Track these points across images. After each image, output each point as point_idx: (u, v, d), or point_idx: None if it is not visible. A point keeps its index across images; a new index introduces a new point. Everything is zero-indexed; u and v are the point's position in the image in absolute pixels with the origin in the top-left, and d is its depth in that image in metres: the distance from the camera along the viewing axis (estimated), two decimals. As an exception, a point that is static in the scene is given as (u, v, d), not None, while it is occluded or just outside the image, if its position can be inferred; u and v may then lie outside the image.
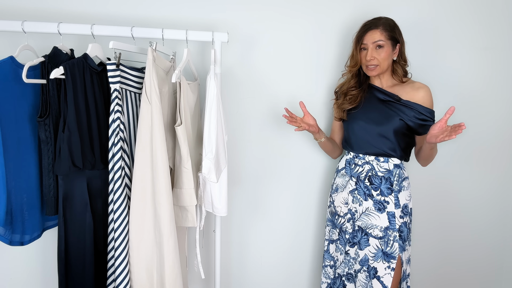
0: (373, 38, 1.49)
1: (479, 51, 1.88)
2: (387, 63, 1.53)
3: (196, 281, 1.95)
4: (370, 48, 1.50)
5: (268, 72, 1.83)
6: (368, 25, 1.52)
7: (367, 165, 1.57)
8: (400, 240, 1.51)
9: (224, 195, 1.53)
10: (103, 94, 1.41)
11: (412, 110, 1.51)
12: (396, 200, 1.53)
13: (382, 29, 1.49)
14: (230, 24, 1.77)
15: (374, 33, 1.50)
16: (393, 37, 1.50)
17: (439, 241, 2.04)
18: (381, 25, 1.50)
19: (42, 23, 1.40)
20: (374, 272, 1.52)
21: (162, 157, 1.31)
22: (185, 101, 1.41)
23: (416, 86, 1.55)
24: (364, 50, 1.54)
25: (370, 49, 1.51)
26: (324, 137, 1.68)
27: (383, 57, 1.50)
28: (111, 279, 1.43)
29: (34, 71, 1.39)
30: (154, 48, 1.32)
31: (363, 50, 1.54)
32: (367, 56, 1.51)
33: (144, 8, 1.71)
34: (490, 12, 1.85)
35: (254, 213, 1.95)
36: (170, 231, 1.34)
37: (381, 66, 1.52)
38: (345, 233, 1.63)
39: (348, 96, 1.63)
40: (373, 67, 1.52)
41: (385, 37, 1.49)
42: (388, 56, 1.51)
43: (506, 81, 1.92)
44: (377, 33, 1.49)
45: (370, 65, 1.52)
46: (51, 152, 1.42)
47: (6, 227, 1.41)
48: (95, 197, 1.43)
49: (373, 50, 1.50)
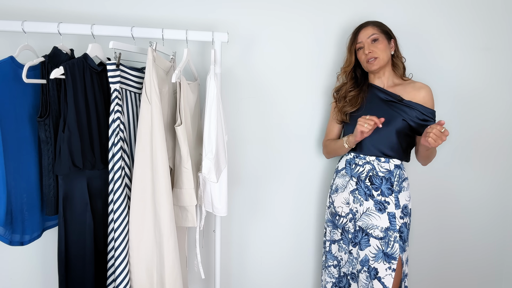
0: (367, 34, 1.56)
1: (479, 51, 1.88)
2: (386, 55, 1.56)
3: (196, 281, 1.95)
4: (367, 43, 1.56)
5: (268, 72, 1.83)
6: (359, 26, 1.61)
7: (368, 165, 1.57)
8: (400, 241, 1.51)
9: (224, 195, 1.53)
10: (103, 94, 1.41)
11: (414, 111, 1.51)
12: (396, 200, 1.53)
13: (373, 25, 1.58)
14: (230, 24, 1.77)
15: (366, 29, 1.57)
16: (385, 31, 1.57)
17: (439, 242, 2.04)
18: (371, 23, 1.58)
19: (42, 23, 1.40)
20: (374, 272, 1.52)
21: (162, 157, 1.31)
22: (185, 101, 1.41)
23: (417, 86, 1.55)
24: (361, 49, 1.58)
25: (366, 44, 1.56)
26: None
27: (380, 48, 1.54)
28: (111, 279, 1.42)
29: (34, 71, 1.39)
30: (154, 48, 1.32)
31: (360, 50, 1.59)
32: (365, 50, 1.56)
33: (144, 8, 1.71)
34: (490, 12, 1.85)
35: (254, 213, 1.95)
36: (170, 231, 1.34)
37: (381, 57, 1.54)
38: (348, 233, 1.63)
39: (348, 98, 1.64)
40: (373, 60, 1.55)
41: (378, 31, 1.56)
42: (385, 47, 1.55)
43: (506, 81, 1.92)
44: (369, 29, 1.57)
45: (370, 58, 1.55)
46: (51, 152, 1.42)
47: (6, 227, 1.40)
48: (95, 197, 1.43)
49: (370, 45, 1.55)
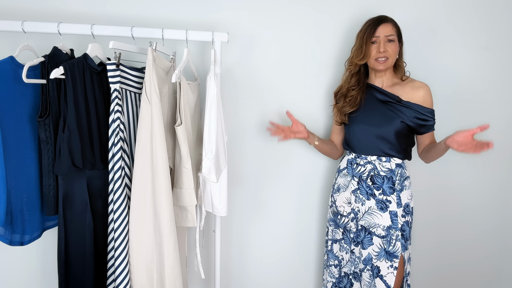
0: (386, 32, 1.50)
1: (479, 51, 1.88)
2: (395, 58, 1.55)
3: (196, 281, 1.95)
4: (383, 40, 1.50)
5: (268, 72, 1.83)
6: (380, 19, 1.52)
7: (369, 164, 1.57)
8: (402, 239, 1.51)
9: (224, 195, 1.53)
10: (103, 94, 1.41)
11: (412, 111, 1.51)
12: (398, 199, 1.53)
13: (393, 24, 1.53)
14: (230, 24, 1.77)
15: (387, 26, 1.51)
16: (400, 34, 1.55)
17: (440, 241, 2.04)
18: (391, 21, 1.53)
19: (42, 23, 1.40)
20: (377, 271, 1.52)
21: (162, 157, 1.31)
22: (185, 101, 1.41)
23: (416, 86, 1.55)
24: (374, 44, 1.52)
25: (382, 41, 1.50)
26: (317, 140, 1.72)
27: (393, 49, 1.52)
28: (111, 279, 1.42)
29: (34, 71, 1.39)
30: (154, 48, 1.32)
31: (373, 44, 1.53)
32: (380, 48, 1.50)
33: (144, 8, 1.71)
34: (490, 12, 1.85)
35: (254, 213, 1.95)
36: (170, 231, 1.34)
37: (391, 60, 1.52)
38: (350, 232, 1.63)
39: (348, 98, 1.63)
40: (383, 59, 1.51)
41: (395, 32, 1.53)
42: (396, 50, 1.53)
43: (506, 81, 1.91)
44: (389, 26, 1.51)
45: (381, 57, 1.51)
46: (51, 152, 1.42)
47: (6, 227, 1.40)
48: (95, 197, 1.43)
49: (385, 43, 1.50)
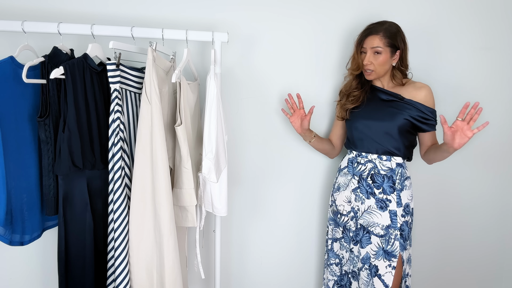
0: (372, 44, 1.50)
1: (479, 51, 1.88)
2: (384, 69, 1.54)
3: (196, 281, 1.95)
4: (368, 52, 1.52)
5: (268, 72, 1.83)
6: (369, 30, 1.53)
7: (370, 163, 1.58)
8: (401, 239, 1.51)
9: (224, 195, 1.53)
10: (103, 94, 1.41)
11: (414, 109, 1.52)
12: (398, 198, 1.54)
13: (382, 35, 1.49)
14: (230, 24, 1.77)
15: (373, 38, 1.50)
16: (392, 44, 1.50)
17: (440, 241, 2.04)
18: (382, 31, 1.49)
19: (42, 23, 1.39)
20: (375, 270, 1.52)
21: (162, 157, 1.31)
22: (185, 101, 1.41)
23: (417, 86, 1.56)
24: (364, 53, 1.56)
25: (368, 53, 1.52)
26: (313, 138, 1.72)
27: (379, 62, 1.51)
28: (111, 279, 1.43)
29: (34, 71, 1.39)
30: (154, 48, 1.32)
31: (363, 54, 1.56)
32: (365, 60, 1.53)
33: (144, 8, 1.71)
34: (490, 13, 1.85)
35: (254, 213, 1.95)
36: (170, 231, 1.34)
37: (377, 71, 1.54)
38: (349, 231, 1.63)
39: (350, 98, 1.65)
40: (369, 71, 1.55)
41: (383, 44, 1.49)
42: (384, 62, 1.52)
43: (506, 81, 1.92)
44: (376, 39, 1.49)
45: (367, 69, 1.55)
46: (51, 152, 1.42)
47: (6, 227, 1.40)
48: (95, 197, 1.43)
49: (371, 55, 1.52)
